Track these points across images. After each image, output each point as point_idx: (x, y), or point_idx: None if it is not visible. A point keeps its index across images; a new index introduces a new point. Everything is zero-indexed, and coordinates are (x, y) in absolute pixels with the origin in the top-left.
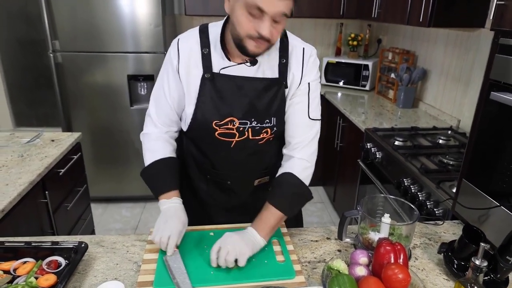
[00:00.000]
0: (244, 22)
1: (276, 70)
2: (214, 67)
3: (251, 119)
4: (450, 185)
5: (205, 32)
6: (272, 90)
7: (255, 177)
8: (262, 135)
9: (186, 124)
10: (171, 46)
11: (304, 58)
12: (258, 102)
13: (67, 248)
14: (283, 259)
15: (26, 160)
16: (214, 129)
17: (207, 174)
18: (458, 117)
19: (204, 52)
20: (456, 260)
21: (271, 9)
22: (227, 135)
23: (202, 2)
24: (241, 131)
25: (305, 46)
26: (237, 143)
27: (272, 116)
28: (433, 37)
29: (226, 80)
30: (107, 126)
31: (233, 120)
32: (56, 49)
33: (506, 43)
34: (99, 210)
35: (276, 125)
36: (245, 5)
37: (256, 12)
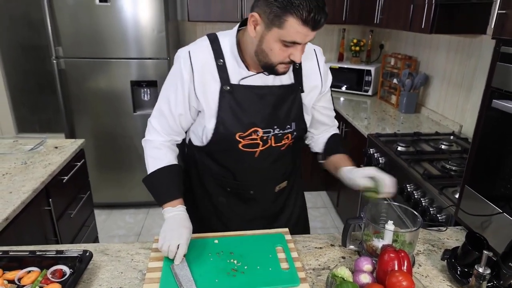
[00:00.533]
0: (278, 53)
1: (292, 75)
2: (231, 78)
3: (274, 127)
4: (453, 191)
5: (216, 42)
6: (291, 95)
7: (276, 183)
8: (283, 141)
9: (207, 139)
10: (182, 59)
11: (318, 60)
12: (279, 109)
13: (71, 257)
14: (288, 267)
15: (30, 167)
16: (238, 141)
17: (228, 187)
18: (460, 122)
19: (219, 63)
20: (460, 267)
21: (305, 40)
22: (251, 146)
23: (204, 8)
24: (264, 140)
25: (314, 47)
26: (261, 153)
27: (292, 121)
28: (435, 43)
29: (246, 91)
30: (110, 132)
31: (256, 130)
32: (59, 55)
33: (507, 51)
34: (103, 217)
35: (296, 130)
36: (279, 39)
37: (290, 44)
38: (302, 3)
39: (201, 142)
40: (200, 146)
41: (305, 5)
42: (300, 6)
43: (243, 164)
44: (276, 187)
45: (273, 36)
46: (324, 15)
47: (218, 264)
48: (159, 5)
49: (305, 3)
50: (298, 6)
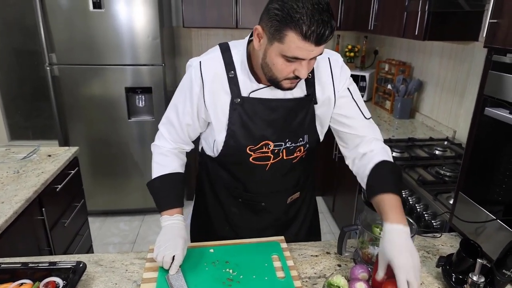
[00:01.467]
0: (281, 68)
1: (304, 87)
2: (242, 91)
3: (286, 140)
4: (447, 197)
5: (228, 53)
6: (303, 108)
7: (288, 195)
8: (296, 154)
9: (217, 150)
10: (193, 69)
11: (332, 69)
12: (291, 122)
13: (65, 268)
14: (284, 275)
15: (22, 176)
16: (249, 154)
17: (239, 198)
18: (454, 127)
19: (230, 75)
20: (454, 274)
21: (309, 56)
22: (262, 159)
23: (200, 14)
24: (275, 153)
25: (330, 55)
26: (272, 165)
27: (305, 134)
28: (429, 49)
29: (257, 104)
30: (104, 139)
31: (268, 143)
32: (53, 62)
33: (499, 60)
34: (97, 224)
35: (308, 142)
36: (280, 54)
37: (293, 59)
38: (302, 17)
39: (213, 153)
40: (212, 156)
41: (305, 19)
42: (300, 20)
43: (254, 176)
44: (288, 198)
45: (275, 50)
46: (329, 29)
47: (214, 274)
48: (154, 11)
49: (306, 17)
50: (298, 20)
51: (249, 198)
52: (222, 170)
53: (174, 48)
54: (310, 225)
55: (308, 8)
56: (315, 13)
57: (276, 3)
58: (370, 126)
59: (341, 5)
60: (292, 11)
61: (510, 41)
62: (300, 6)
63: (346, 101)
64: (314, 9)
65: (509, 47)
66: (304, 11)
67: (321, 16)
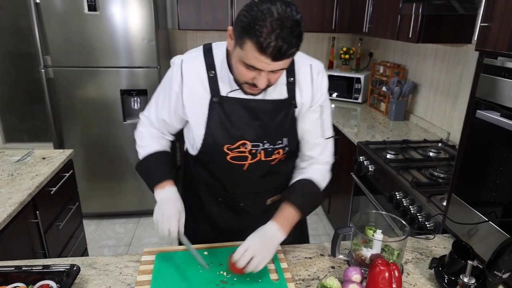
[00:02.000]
0: (241, 72)
1: (285, 90)
2: (221, 90)
3: (264, 141)
4: (441, 198)
5: (210, 53)
6: (282, 110)
7: (267, 197)
8: (274, 156)
9: (196, 148)
10: (174, 67)
11: (313, 75)
12: (269, 123)
13: (58, 272)
14: (277, 278)
15: (16, 179)
16: (226, 153)
17: (219, 197)
18: (448, 129)
19: (210, 75)
20: (447, 275)
21: (267, 69)
22: (240, 158)
23: (195, 16)
24: (253, 153)
25: (312, 62)
26: (250, 166)
27: (284, 137)
28: (423, 51)
29: (235, 104)
30: (100, 141)
31: (245, 143)
32: (48, 64)
33: (490, 63)
34: (92, 227)
35: (288, 145)
36: (240, 59)
37: (251, 68)
38: (262, 29)
39: (193, 151)
40: (194, 155)
41: (265, 31)
42: (259, 31)
43: (232, 176)
44: (267, 200)
45: (237, 55)
46: (290, 46)
47: (208, 276)
48: (149, 14)
49: (266, 29)
50: (257, 30)
51: (228, 198)
52: (202, 168)
53: (170, 50)
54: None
55: (271, 22)
56: (276, 28)
57: (246, 8)
58: (322, 146)
59: (336, 8)
60: (254, 21)
61: (501, 44)
62: (264, 18)
63: (314, 116)
64: (277, 24)
65: (500, 50)
66: (265, 24)
67: (281, 33)
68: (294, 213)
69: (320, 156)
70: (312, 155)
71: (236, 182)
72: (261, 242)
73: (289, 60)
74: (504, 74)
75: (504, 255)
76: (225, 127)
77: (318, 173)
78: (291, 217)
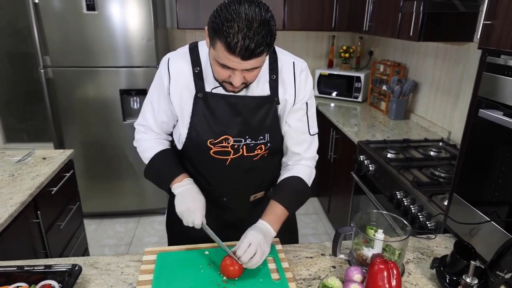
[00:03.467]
0: (217, 71)
1: (267, 87)
2: (206, 86)
3: (245, 137)
4: (442, 198)
5: (195, 51)
6: (264, 107)
7: (250, 193)
8: (256, 151)
9: (181, 143)
10: (162, 65)
11: (295, 73)
12: (251, 119)
13: (60, 271)
14: (278, 277)
15: (17, 179)
16: (209, 147)
17: (203, 192)
18: (449, 129)
19: (195, 71)
20: (448, 276)
21: (239, 67)
22: (222, 153)
23: (194, 15)
24: (235, 148)
25: (295, 60)
26: (232, 161)
27: (266, 133)
28: (423, 50)
29: (219, 99)
30: (99, 141)
31: (227, 138)
32: (47, 64)
33: (493, 61)
34: (93, 226)
35: (270, 141)
36: (214, 58)
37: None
38: (230, 29)
39: (179, 146)
40: (180, 150)
41: (232, 31)
42: (226, 31)
43: (215, 171)
44: (251, 196)
45: (211, 54)
46: (257, 46)
47: (209, 276)
48: (148, 13)
49: (234, 30)
50: (225, 31)
51: (211, 193)
52: (187, 163)
53: (169, 49)
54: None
55: (240, 22)
56: (243, 27)
57: (216, 10)
58: (308, 142)
59: (336, 6)
60: (223, 22)
61: (504, 43)
62: (233, 18)
63: (299, 114)
64: (244, 24)
65: (503, 49)
66: (233, 25)
67: (248, 32)
68: (282, 211)
69: (306, 153)
70: (298, 151)
71: (219, 177)
72: (262, 236)
73: (261, 59)
74: (507, 72)
75: (507, 255)
76: (209, 122)
77: (304, 169)
78: (280, 215)
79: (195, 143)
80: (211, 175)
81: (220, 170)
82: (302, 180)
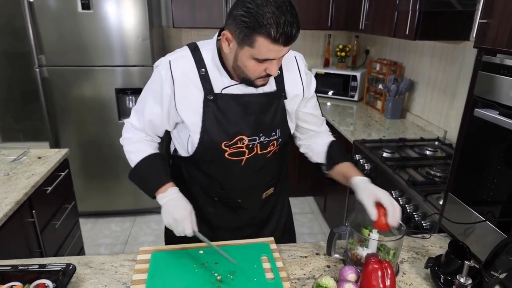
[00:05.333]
0: (253, 69)
1: (273, 83)
2: (214, 87)
3: (259, 135)
4: (437, 197)
5: (198, 52)
6: (274, 103)
7: (263, 191)
8: (269, 148)
9: (192, 149)
10: (162, 68)
11: (299, 67)
12: (263, 117)
13: (54, 271)
14: (273, 277)
15: (12, 179)
16: (224, 150)
17: (215, 197)
18: (445, 128)
19: (201, 73)
20: (443, 275)
21: (279, 56)
22: (237, 154)
23: (190, 14)
24: (250, 148)
25: (295, 54)
26: (247, 160)
27: (277, 128)
28: (420, 49)
29: (230, 100)
30: (95, 140)
31: (242, 138)
32: (42, 63)
33: (489, 60)
34: (88, 225)
35: (281, 136)
36: (252, 57)
37: (264, 60)
38: (269, 22)
39: (187, 153)
40: (186, 157)
41: (272, 22)
42: (267, 25)
43: (230, 173)
44: (263, 194)
45: (246, 54)
46: (295, 28)
47: (203, 275)
48: (143, 12)
49: (273, 20)
50: (265, 25)
51: (225, 196)
52: (197, 170)
53: (164, 48)
54: (285, 226)
55: (273, 12)
56: (280, 15)
57: (241, 9)
58: (324, 122)
59: (332, 5)
60: (258, 17)
61: (500, 42)
62: (265, 11)
63: (313, 102)
64: (278, 11)
65: (499, 48)
66: (270, 16)
67: (286, 18)
68: (354, 166)
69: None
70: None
71: (233, 179)
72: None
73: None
74: (503, 71)
75: (501, 255)
76: (221, 124)
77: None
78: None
79: (209, 147)
80: (226, 178)
81: (235, 172)
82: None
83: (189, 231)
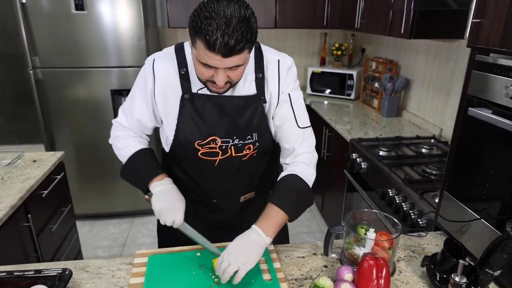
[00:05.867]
0: (200, 71)
1: (253, 86)
2: (192, 87)
3: (233, 137)
4: (433, 195)
5: (182, 51)
6: (251, 106)
7: (240, 194)
8: (245, 151)
9: (168, 145)
10: (146, 65)
11: (280, 71)
12: (238, 119)
13: (50, 276)
14: (270, 278)
15: (7, 183)
16: (197, 149)
17: (192, 194)
18: (441, 125)
19: (181, 72)
20: (438, 273)
21: (221, 66)
22: (210, 154)
23: (185, 14)
24: (223, 149)
25: (280, 58)
26: (221, 162)
27: (253, 132)
28: (415, 47)
29: (205, 100)
30: (91, 142)
31: (215, 139)
32: (36, 65)
33: (482, 59)
34: (86, 228)
35: (258, 141)
36: (196, 58)
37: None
38: (208, 27)
39: (167, 148)
40: (167, 152)
41: (211, 29)
42: (205, 29)
43: (204, 172)
44: (241, 197)
45: (193, 54)
46: (237, 42)
47: (201, 277)
48: (138, 12)
49: (212, 28)
50: (203, 29)
51: (201, 194)
52: (176, 166)
53: (160, 49)
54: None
55: (218, 19)
56: (223, 25)
57: (195, 9)
58: (300, 136)
59: (328, 4)
60: (201, 20)
61: (493, 41)
62: (210, 16)
63: (284, 106)
64: (223, 22)
65: (492, 47)
66: (211, 22)
67: (228, 29)
68: (278, 213)
69: (300, 147)
70: (291, 147)
71: (208, 179)
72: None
73: (242, 56)
74: (496, 70)
75: (496, 252)
76: (196, 123)
77: (301, 167)
78: (276, 218)
79: (183, 145)
80: (200, 177)
81: (209, 172)
82: (297, 176)
83: (180, 220)
